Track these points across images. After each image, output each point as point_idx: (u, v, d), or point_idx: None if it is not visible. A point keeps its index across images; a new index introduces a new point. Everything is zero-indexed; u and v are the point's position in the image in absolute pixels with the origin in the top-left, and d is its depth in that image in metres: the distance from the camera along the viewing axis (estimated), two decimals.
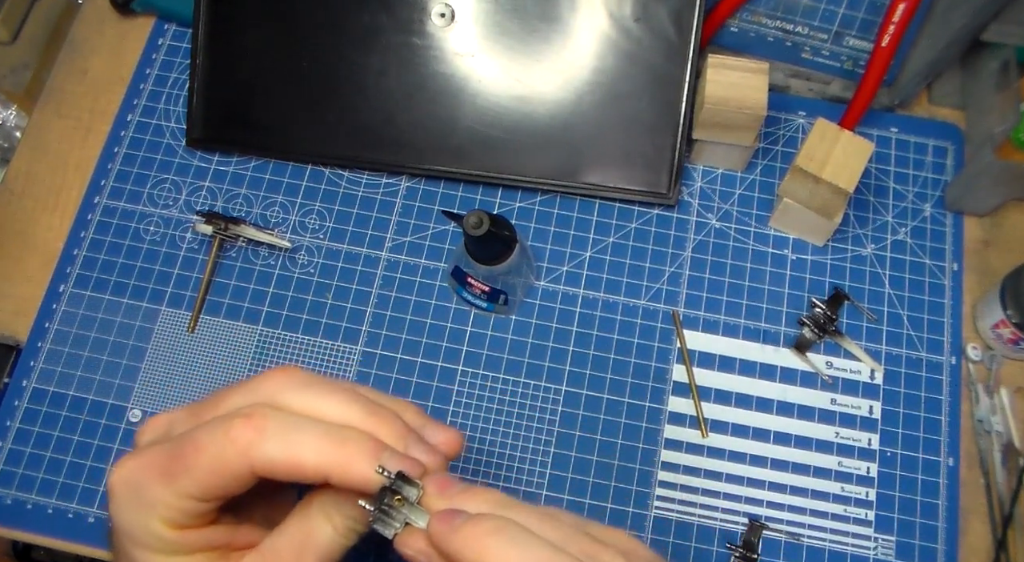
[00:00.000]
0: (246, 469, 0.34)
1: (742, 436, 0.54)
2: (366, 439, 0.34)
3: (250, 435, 0.34)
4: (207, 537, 0.36)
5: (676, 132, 0.58)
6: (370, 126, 0.60)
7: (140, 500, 0.35)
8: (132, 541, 0.36)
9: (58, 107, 0.64)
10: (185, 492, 0.35)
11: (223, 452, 0.34)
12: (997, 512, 0.52)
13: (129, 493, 0.36)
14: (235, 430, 0.34)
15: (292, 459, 0.34)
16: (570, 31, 0.59)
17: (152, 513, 0.35)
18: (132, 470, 0.36)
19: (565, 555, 0.31)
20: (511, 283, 0.54)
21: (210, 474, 0.34)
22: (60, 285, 0.58)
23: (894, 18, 0.54)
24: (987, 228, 0.59)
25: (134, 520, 0.36)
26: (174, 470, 0.35)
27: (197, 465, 0.34)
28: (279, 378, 0.36)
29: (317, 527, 0.36)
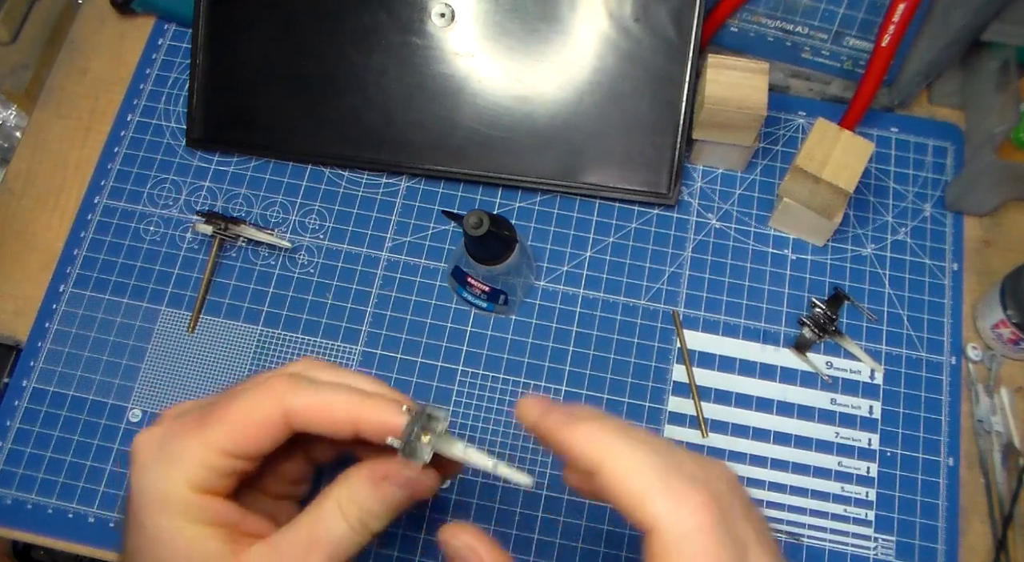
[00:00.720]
0: (279, 416, 0.35)
1: (742, 436, 0.54)
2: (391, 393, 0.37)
3: (285, 385, 0.36)
4: (222, 511, 0.36)
5: (676, 132, 0.58)
6: (370, 126, 0.60)
7: (166, 457, 0.36)
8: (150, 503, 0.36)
9: (58, 107, 0.64)
10: (216, 443, 0.35)
11: (258, 400, 0.36)
12: (997, 512, 0.52)
13: (154, 451, 0.36)
14: (272, 381, 0.36)
15: (324, 406, 0.35)
16: (570, 31, 0.59)
17: (177, 470, 0.36)
18: (159, 431, 0.37)
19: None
20: (511, 283, 0.54)
21: (243, 423, 0.35)
22: (60, 285, 0.58)
23: (894, 18, 0.54)
24: (987, 228, 0.59)
25: (156, 478, 0.36)
26: (207, 421, 0.36)
27: (231, 413, 0.36)
28: (303, 361, 0.39)
29: (330, 521, 0.36)
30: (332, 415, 0.36)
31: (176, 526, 0.36)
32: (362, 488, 0.36)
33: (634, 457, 0.32)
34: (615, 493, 0.31)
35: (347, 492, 0.36)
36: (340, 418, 0.36)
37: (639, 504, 0.31)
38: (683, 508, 0.30)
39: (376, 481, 0.36)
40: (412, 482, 0.36)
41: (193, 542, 0.35)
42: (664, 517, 0.30)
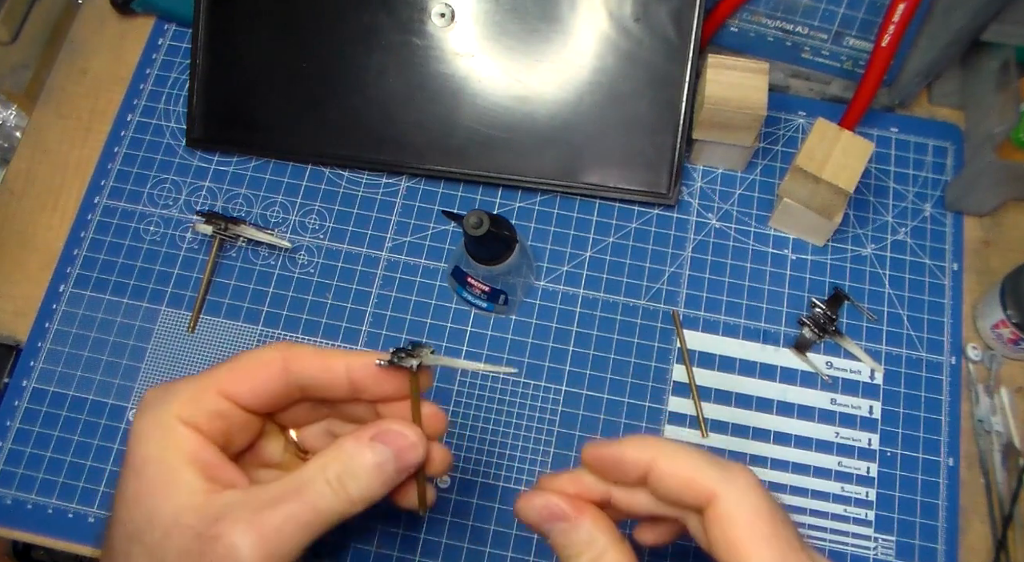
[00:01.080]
0: (280, 366, 0.37)
1: (742, 436, 0.54)
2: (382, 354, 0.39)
3: (287, 343, 0.39)
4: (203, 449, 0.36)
5: (676, 132, 0.58)
6: (370, 126, 0.60)
7: (164, 395, 0.37)
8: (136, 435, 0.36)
9: (58, 107, 0.64)
10: (214, 383, 0.37)
11: (261, 353, 0.38)
12: (997, 512, 0.52)
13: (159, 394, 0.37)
14: (273, 343, 0.39)
15: (323, 359, 0.38)
16: (570, 31, 0.59)
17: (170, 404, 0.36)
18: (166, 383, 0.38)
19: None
20: (511, 283, 0.54)
21: (244, 366, 0.38)
22: (60, 285, 0.58)
23: (894, 18, 0.54)
24: (987, 228, 0.59)
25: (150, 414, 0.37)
26: (211, 371, 0.38)
27: (234, 360, 0.38)
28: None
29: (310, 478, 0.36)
30: (328, 361, 0.38)
31: (154, 454, 0.36)
32: (347, 447, 0.37)
33: (679, 449, 0.36)
34: (669, 480, 0.36)
35: (333, 452, 0.36)
36: (336, 366, 0.38)
37: (693, 479, 0.35)
38: (733, 473, 0.35)
39: (361, 440, 0.37)
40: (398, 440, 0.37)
41: (168, 477, 0.35)
42: (720, 482, 0.34)
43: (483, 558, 0.51)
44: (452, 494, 0.53)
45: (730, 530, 0.34)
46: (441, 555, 0.51)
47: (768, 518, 0.34)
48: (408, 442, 0.37)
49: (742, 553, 0.33)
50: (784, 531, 0.34)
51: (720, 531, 0.34)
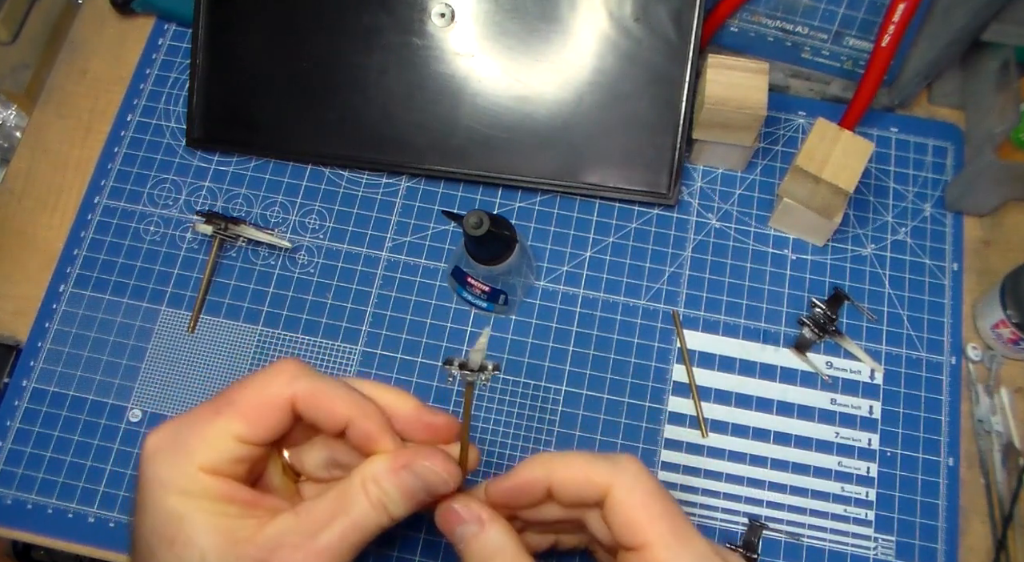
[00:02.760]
0: (287, 400, 0.38)
1: (742, 436, 0.54)
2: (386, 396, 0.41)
3: (294, 368, 0.39)
4: (238, 491, 0.38)
5: (676, 132, 0.58)
6: (370, 126, 0.60)
7: (179, 445, 0.37)
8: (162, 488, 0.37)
9: (58, 107, 0.64)
10: (229, 429, 0.37)
11: (268, 384, 0.38)
12: (997, 512, 0.52)
13: (168, 441, 0.38)
14: (280, 364, 0.39)
15: (327, 396, 0.38)
16: (570, 31, 0.59)
17: (190, 456, 0.37)
18: (171, 425, 0.38)
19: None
20: (511, 283, 0.54)
21: (255, 405, 0.38)
22: (60, 285, 0.58)
23: (894, 18, 0.54)
24: (987, 228, 0.59)
25: (170, 465, 0.37)
26: (219, 408, 0.38)
27: (242, 398, 0.38)
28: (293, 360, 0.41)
29: (353, 498, 0.38)
30: (333, 408, 0.38)
31: (194, 505, 0.37)
32: (383, 473, 0.38)
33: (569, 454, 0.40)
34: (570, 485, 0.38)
35: (370, 474, 0.38)
36: (339, 412, 0.38)
37: (588, 478, 0.38)
38: (622, 464, 0.38)
39: (396, 469, 0.38)
40: (427, 472, 0.39)
41: (209, 517, 0.37)
42: (612, 474, 0.38)
43: None
44: None
45: (628, 512, 0.37)
46: (441, 555, 0.51)
47: (659, 498, 0.37)
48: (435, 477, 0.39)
49: (641, 529, 0.37)
50: (674, 507, 0.37)
51: (619, 516, 0.37)
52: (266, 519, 0.37)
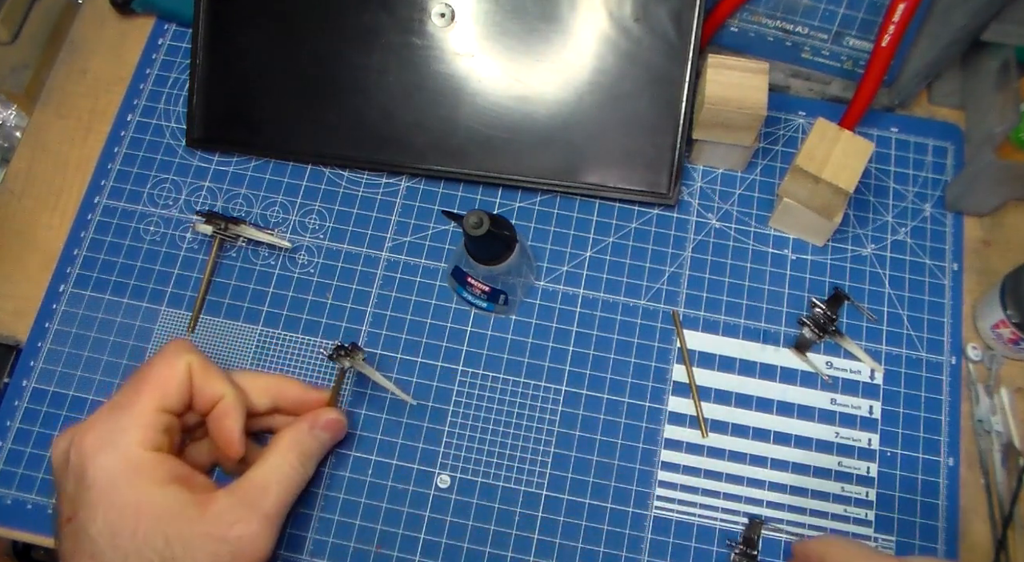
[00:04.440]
0: (187, 368, 0.45)
1: (742, 436, 0.54)
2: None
3: (186, 344, 0.46)
4: (176, 467, 0.44)
5: (676, 132, 0.58)
6: (370, 126, 0.60)
7: (117, 434, 0.43)
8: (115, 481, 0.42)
9: (58, 107, 0.64)
10: (151, 404, 0.43)
11: (170, 358, 0.45)
12: (997, 512, 0.52)
13: (106, 435, 0.43)
14: (173, 344, 0.46)
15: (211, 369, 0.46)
16: (570, 31, 0.59)
17: (127, 437, 0.43)
18: (100, 421, 0.43)
19: None
20: (511, 283, 0.54)
21: (167, 378, 0.44)
22: (60, 285, 0.58)
23: (894, 18, 0.54)
24: (987, 228, 0.59)
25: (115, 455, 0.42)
26: (138, 388, 0.44)
27: (154, 376, 0.44)
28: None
29: (278, 464, 0.46)
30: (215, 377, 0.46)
31: (145, 490, 0.42)
32: (303, 434, 0.48)
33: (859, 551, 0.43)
34: None
35: (289, 439, 0.47)
36: (218, 384, 0.46)
37: None
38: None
39: (312, 428, 0.48)
40: (333, 424, 0.50)
41: (164, 500, 0.42)
42: None
43: (483, 558, 0.51)
44: (452, 494, 0.53)
45: None
46: (441, 555, 0.51)
47: None
48: (342, 425, 0.51)
49: None
50: None
51: None
52: (203, 497, 0.43)
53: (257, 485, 0.45)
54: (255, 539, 0.43)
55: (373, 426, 0.54)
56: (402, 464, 0.53)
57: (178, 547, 0.41)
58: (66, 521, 0.42)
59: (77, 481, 0.42)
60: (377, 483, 0.53)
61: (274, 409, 0.50)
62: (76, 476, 0.42)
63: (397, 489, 0.53)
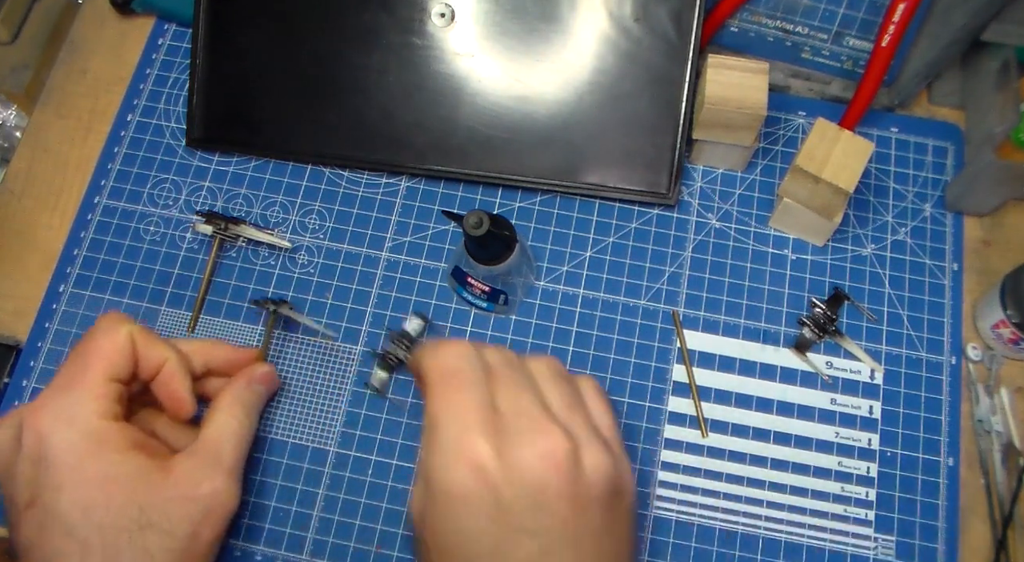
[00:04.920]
0: (129, 336, 0.46)
1: (742, 436, 0.54)
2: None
3: (120, 315, 0.48)
4: (134, 434, 0.45)
5: (676, 132, 0.58)
6: (370, 126, 0.60)
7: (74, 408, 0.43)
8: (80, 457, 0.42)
9: (58, 107, 0.64)
10: (101, 375, 0.44)
11: (110, 329, 0.46)
12: (997, 512, 0.52)
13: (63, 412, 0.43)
14: (108, 316, 0.47)
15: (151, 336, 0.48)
16: (570, 31, 0.59)
17: (87, 410, 0.43)
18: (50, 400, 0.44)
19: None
20: (511, 283, 0.54)
21: (111, 350, 0.45)
22: (60, 285, 0.58)
23: (894, 18, 0.54)
24: (987, 228, 0.59)
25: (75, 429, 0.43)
26: (86, 363, 0.45)
27: (97, 348, 0.45)
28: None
29: (226, 421, 0.48)
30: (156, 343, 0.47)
31: (110, 460, 0.43)
32: (242, 390, 0.50)
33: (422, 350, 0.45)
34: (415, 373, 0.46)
35: (232, 396, 0.49)
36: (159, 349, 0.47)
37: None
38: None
39: (249, 383, 0.51)
40: (266, 377, 0.52)
41: (130, 469, 0.43)
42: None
43: None
44: None
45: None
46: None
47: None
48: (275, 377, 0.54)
49: None
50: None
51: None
52: (164, 462, 0.45)
53: (212, 443, 0.47)
54: (222, 493, 0.45)
55: (373, 426, 0.54)
56: (402, 464, 0.53)
57: (153, 513, 0.43)
58: (26, 507, 0.42)
59: (36, 463, 0.42)
60: (377, 483, 0.53)
61: (207, 372, 0.51)
62: (34, 458, 0.42)
63: (397, 489, 0.53)
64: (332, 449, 0.53)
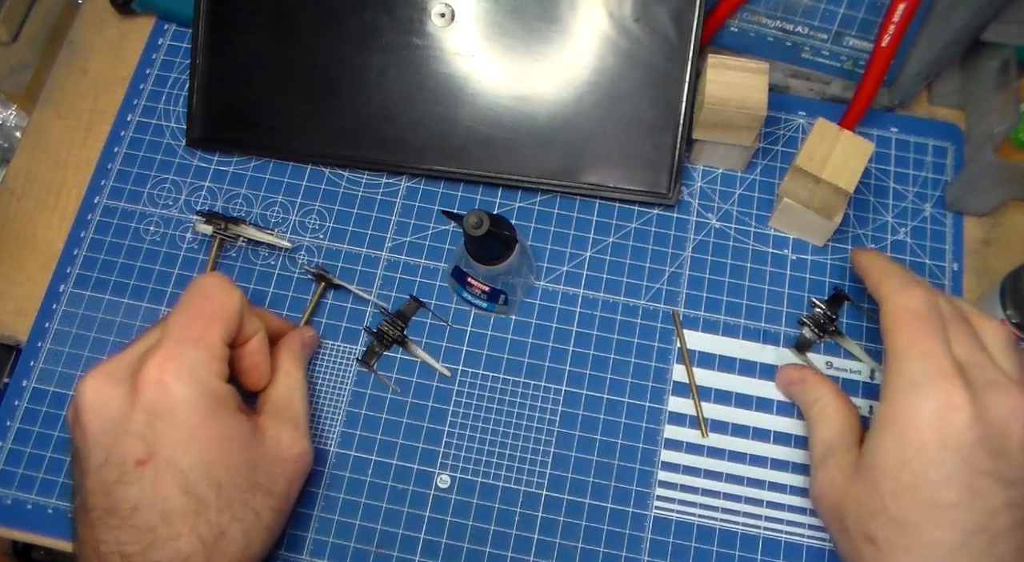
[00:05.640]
0: (241, 303, 0.46)
1: (742, 436, 0.54)
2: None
3: (226, 277, 0.48)
4: (237, 397, 0.45)
5: (676, 132, 0.58)
6: (370, 126, 0.60)
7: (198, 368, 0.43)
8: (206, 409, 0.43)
9: (58, 107, 0.64)
10: (220, 336, 0.45)
11: (227, 290, 0.46)
12: None
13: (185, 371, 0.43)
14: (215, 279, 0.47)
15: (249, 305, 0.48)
16: (570, 31, 0.59)
17: (211, 371, 0.44)
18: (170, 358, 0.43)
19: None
20: (511, 283, 0.54)
21: (232, 312, 0.46)
22: (60, 285, 0.58)
23: (894, 18, 0.54)
24: (987, 228, 0.59)
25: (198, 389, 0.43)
26: (207, 322, 0.45)
27: (217, 309, 0.45)
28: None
29: (290, 376, 0.50)
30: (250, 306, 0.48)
31: (228, 421, 0.44)
32: (298, 351, 0.52)
33: (882, 264, 0.49)
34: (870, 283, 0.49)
35: (292, 356, 0.51)
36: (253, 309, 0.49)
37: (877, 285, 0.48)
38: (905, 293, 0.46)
39: (303, 344, 0.53)
40: (313, 340, 0.55)
41: (241, 430, 0.44)
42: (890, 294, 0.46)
43: (483, 558, 0.51)
44: (452, 494, 0.53)
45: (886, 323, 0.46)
46: (441, 555, 0.51)
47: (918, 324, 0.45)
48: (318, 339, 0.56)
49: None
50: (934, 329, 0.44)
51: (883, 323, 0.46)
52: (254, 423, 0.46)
53: (286, 404, 0.49)
54: (307, 454, 0.48)
55: (373, 426, 0.54)
56: (402, 464, 0.53)
57: (259, 474, 0.44)
58: (137, 464, 0.41)
59: (156, 417, 0.42)
60: (377, 483, 0.53)
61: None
62: (154, 412, 0.42)
63: (397, 489, 0.53)
64: (332, 449, 0.53)
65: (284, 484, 0.46)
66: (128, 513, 0.41)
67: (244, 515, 0.43)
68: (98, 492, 0.42)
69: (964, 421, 0.41)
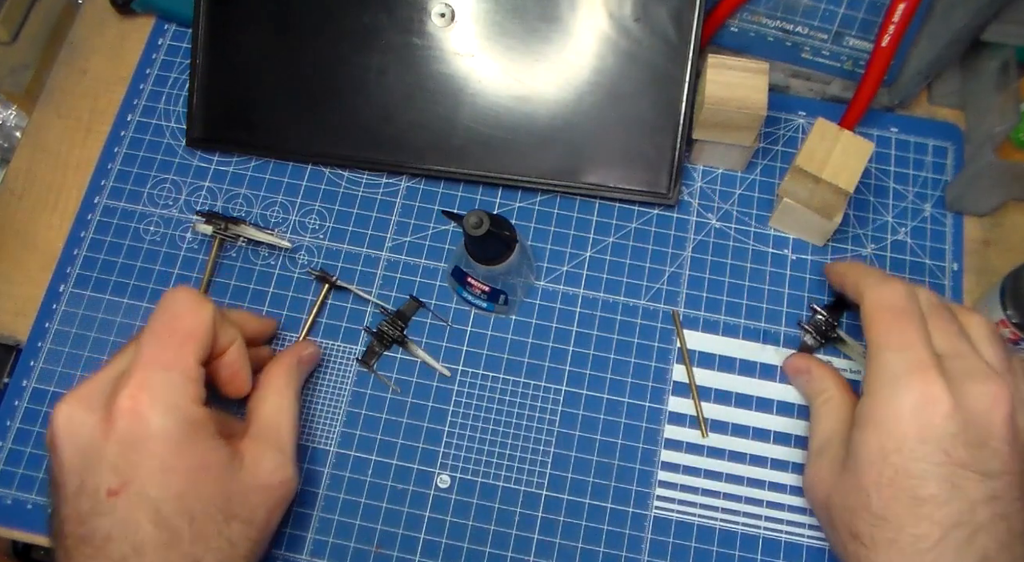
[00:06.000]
0: (212, 319, 0.45)
1: (742, 436, 0.54)
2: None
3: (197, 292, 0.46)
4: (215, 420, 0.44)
5: (676, 132, 0.58)
6: (370, 126, 0.60)
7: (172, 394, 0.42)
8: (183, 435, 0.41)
9: (58, 107, 0.64)
10: (195, 358, 0.43)
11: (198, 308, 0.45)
12: None
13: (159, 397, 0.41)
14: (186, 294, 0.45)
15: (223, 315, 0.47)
16: (570, 31, 0.59)
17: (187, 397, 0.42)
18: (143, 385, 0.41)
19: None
20: (511, 283, 0.54)
21: (204, 330, 0.44)
22: (60, 285, 0.58)
23: (894, 18, 0.54)
24: (987, 228, 0.59)
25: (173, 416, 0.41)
26: (180, 342, 0.43)
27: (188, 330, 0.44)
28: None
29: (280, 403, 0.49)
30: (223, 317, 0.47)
31: (204, 448, 0.42)
32: (293, 370, 0.51)
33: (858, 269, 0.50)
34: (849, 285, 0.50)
35: (284, 376, 0.50)
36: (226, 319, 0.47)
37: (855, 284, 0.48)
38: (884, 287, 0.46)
39: (300, 363, 0.52)
40: (314, 356, 0.54)
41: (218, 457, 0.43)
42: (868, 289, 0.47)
43: (483, 558, 0.51)
44: (452, 494, 0.53)
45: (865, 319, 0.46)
46: (441, 555, 0.51)
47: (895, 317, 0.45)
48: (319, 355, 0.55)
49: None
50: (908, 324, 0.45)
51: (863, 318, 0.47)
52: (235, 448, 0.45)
53: (272, 427, 0.47)
54: (291, 481, 0.47)
55: (373, 426, 0.54)
56: (402, 464, 0.53)
57: (236, 503, 0.43)
58: (109, 494, 0.40)
59: (129, 447, 0.41)
60: (377, 483, 0.53)
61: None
62: (127, 441, 0.41)
63: (397, 489, 0.53)
64: (332, 449, 0.53)
65: (263, 513, 0.45)
66: (101, 543, 0.40)
67: (219, 545, 0.42)
68: (73, 520, 0.41)
69: (943, 413, 0.41)
